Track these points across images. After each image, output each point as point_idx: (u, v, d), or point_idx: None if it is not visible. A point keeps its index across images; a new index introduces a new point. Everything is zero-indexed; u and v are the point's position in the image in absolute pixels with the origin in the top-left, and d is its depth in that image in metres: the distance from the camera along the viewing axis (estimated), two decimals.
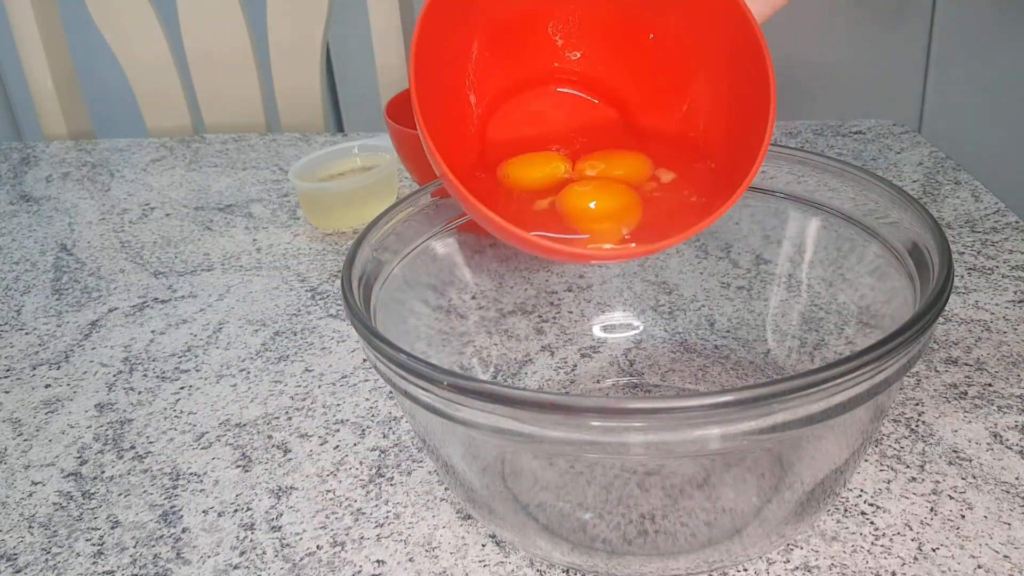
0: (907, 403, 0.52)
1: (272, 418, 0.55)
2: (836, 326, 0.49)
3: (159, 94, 1.09)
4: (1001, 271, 0.63)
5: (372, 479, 0.49)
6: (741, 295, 0.53)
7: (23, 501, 0.50)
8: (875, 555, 0.42)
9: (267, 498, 0.49)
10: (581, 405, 0.33)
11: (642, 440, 0.34)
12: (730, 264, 0.53)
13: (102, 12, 1.05)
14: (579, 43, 0.44)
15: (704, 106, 0.43)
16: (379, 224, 0.47)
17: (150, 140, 1.01)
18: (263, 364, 0.60)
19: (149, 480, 0.51)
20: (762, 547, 0.41)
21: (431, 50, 0.40)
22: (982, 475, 0.46)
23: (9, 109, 1.82)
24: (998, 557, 0.42)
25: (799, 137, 0.86)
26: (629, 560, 0.40)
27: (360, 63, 1.34)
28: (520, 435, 0.35)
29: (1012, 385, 0.52)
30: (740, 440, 0.34)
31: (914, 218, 0.43)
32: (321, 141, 0.96)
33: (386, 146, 0.79)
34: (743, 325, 0.53)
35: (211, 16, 1.05)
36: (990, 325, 0.58)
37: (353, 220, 0.76)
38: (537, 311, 0.55)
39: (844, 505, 0.45)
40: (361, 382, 0.58)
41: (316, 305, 0.67)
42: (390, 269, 0.47)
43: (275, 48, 1.06)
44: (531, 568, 0.43)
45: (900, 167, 0.79)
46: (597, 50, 0.44)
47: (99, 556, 0.46)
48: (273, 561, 0.45)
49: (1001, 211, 0.71)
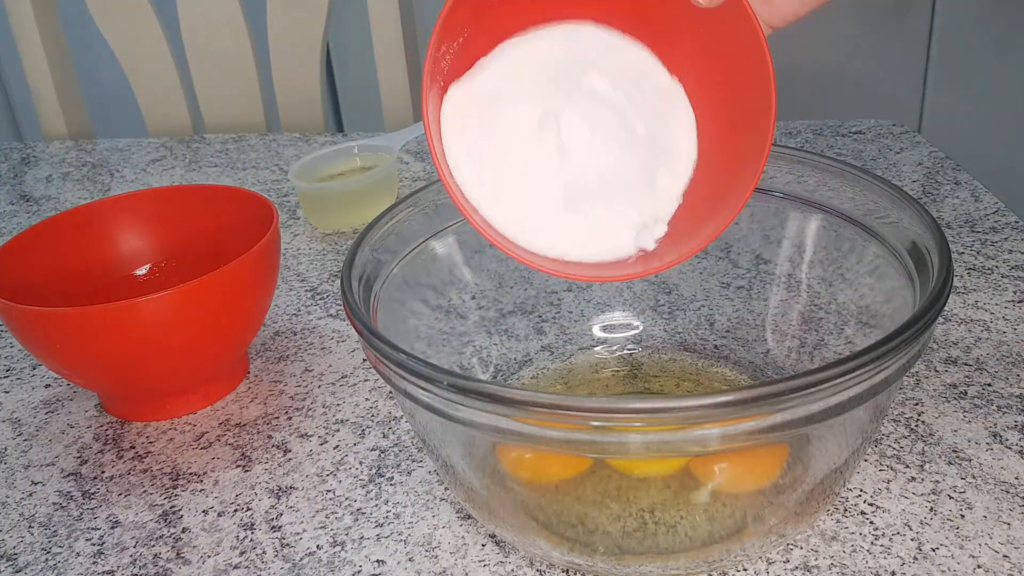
0: (907, 403, 0.52)
1: (272, 418, 0.55)
2: (836, 326, 0.49)
3: (159, 94, 1.09)
4: (1001, 271, 0.63)
5: (372, 479, 0.49)
6: (741, 295, 0.53)
7: (23, 501, 0.50)
8: (875, 555, 0.42)
9: (267, 498, 0.49)
10: (581, 405, 0.33)
11: (642, 440, 0.34)
12: (730, 264, 0.53)
13: (102, 12, 1.05)
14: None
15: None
16: (379, 224, 0.47)
17: (150, 140, 1.01)
18: (263, 364, 0.60)
19: (149, 480, 0.51)
20: (762, 547, 0.41)
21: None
22: (982, 475, 0.46)
23: (9, 109, 1.82)
24: (998, 557, 0.42)
25: (799, 137, 0.86)
26: (629, 560, 0.40)
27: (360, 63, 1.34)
28: (520, 435, 0.35)
29: (1012, 385, 0.52)
30: (740, 440, 0.34)
31: (914, 218, 0.43)
32: (321, 141, 0.96)
33: (386, 146, 0.80)
34: (743, 325, 0.53)
35: (211, 16, 1.05)
36: (990, 325, 0.58)
37: (353, 220, 0.76)
38: (537, 311, 0.55)
39: (844, 505, 0.45)
40: (361, 382, 0.58)
41: (316, 305, 0.67)
42: (390, 269, 0.47)
43: (275, 48, 1.06)
44: (531, 568, 0.43)
45: (900, 167, 0.79)
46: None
47: (99, 556, 0.46)
48: (273, 561, 0.45)
49: (1001, 211, 0.71)
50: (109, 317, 0.49)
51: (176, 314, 0.51)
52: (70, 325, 0.49)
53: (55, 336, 0.50)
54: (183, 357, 0.53)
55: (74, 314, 0.49)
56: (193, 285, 0.50)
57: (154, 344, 0.51)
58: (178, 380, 0.55)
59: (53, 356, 0.52)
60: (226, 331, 0.55)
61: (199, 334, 0.53)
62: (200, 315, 0.52)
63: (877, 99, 1.49)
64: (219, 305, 0.52)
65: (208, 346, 0.54)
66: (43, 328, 0.50)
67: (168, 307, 0.50)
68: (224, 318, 0.54)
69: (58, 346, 0.51)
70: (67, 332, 0.50)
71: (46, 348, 0.52)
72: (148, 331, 0.50)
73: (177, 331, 0.51)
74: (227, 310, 0.54)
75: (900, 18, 1.45)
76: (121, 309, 0.49)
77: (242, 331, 0.56)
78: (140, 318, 0.50)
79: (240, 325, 0.56)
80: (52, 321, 0.50)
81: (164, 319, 0.50)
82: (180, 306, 0.51)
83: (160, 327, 0.51)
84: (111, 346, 0.50)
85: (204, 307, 0.52)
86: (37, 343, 0.52)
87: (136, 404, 0.56)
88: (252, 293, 0.55)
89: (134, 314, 0.49)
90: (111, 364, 0.52)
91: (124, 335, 0.50)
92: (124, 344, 0.50)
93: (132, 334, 0.50)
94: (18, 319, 0.50)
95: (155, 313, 0.50)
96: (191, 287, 0.50)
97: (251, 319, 0.56)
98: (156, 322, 0.50)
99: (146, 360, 0.52)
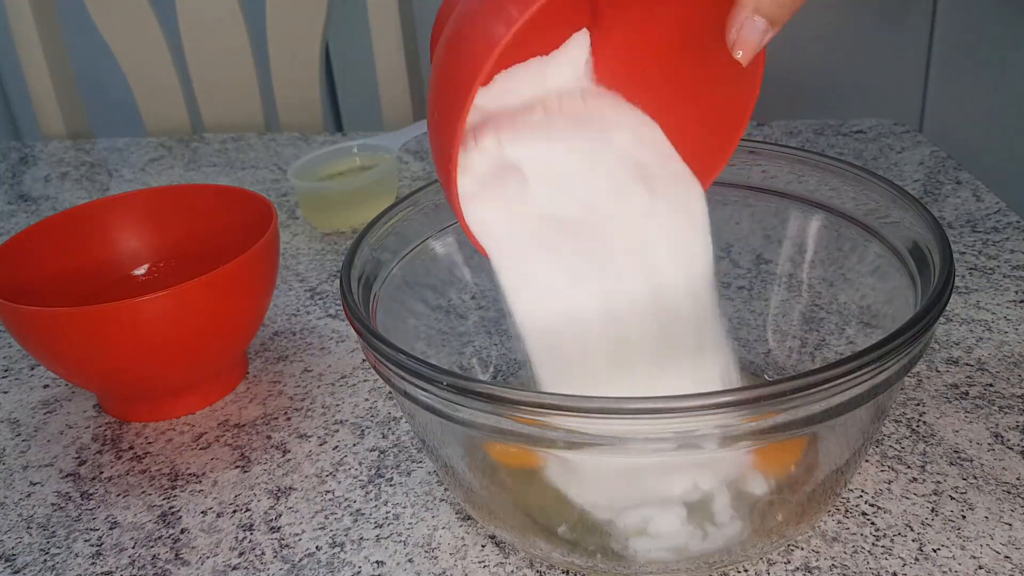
0: (908, 403, 0.51)
1: (271, 418, 0.55)
2: (837, 326, 0.49)
3: (158, 93, 1.09)
4: (1002, 271, 0.63)
5: (371, 480, 0.49)
6: (741, 295, 0.53)
7: (21, 502, 0.50)
8: (876, 556, 0.42)
9: (266, 499, 0.49)
10: (581, 405, 0.33)
11: (642, 439, 0.34)
12: (730, 264, 0.53)
13: (101, 12, 1.05)
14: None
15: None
16: (378, 224, 0.47)
17: (148, 139, 1.01)
18: (262, 364, 0.60)
19: (147, 480, 0.51)
20: (762, 547, 0.41)
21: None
22: (983, 475, 0.46)
23: (7, 108, 1.81)
24: (999, 557, 0.41)
25: (800, 136, 0.86)
26: (629, 560, 0.40)
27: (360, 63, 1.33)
28: (520, 435, 0.35)
29: (1013, 385, 0.52)
30: (740, 440, 0.34)
31: (915, 218, 0.43)
32: (320, 141, 0.96)
33: (386, 146, 0.79)
34: (743, 325, 0.53)
35: (210, 16, 1.05)
36: (991, 325, 0.57)
37: (352, 220, 0.76)
38: None
39: (845, 505, 0.45)
40: (360, 382, 0.57)
41: (315, 305, 0.66)
42: (389, 269, 0.47)
43: (274, 48, 1.06)
44: (531, 568, 0.43)
45: (901, 167, 0.79)
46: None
47: (97, 557, 0.46)
48: (272, 562, 0.44)
49: (1002, 211, 0.71)
50: (107, 317, 0.49)
51: (174, 314, 0.51)
52: (68, 325, 0.49)
53: (53, 336, 0.50)
54: (181, 357, 0.53)
55: (72, 314, 0.49)
56: (192, 285, 0.50)
57: (152, 344, 0.51)
58: (177, 380, 0.55)
59: (51, 356, 0.52)
60: (225, 331, 0.55)
61: (198, 334, 0.52)
62: (199, 315, 0.52)
63: (878, 98, 1.49)
64: (218, 305, 0.52)
65: (207, 346, 0.54)
66: (41, 328, 0.50)
67: (166, 307, 0.50)
68: (223, 318, 0.54)
69: (56, 346, 0.51)
70: (65, 332, 0.50)
71: (44, 348, 0.51)
72: (146, 331, 0.50)
73: (175, 331, 0.51)
74: (226, 310, 0.53)
75: (901, 17, 1.45)
76: (120, 309, 0.49)
77: (241, 331, 0.56)
78: (138, 318, 0.50)
79: (239, 325, 0.56)
80: (50, 321, 0.49)
81: (162, 319, 0.50)
82: (178, 306, 0.50)
83: (158, 327, 0.50)
84: (109, 346, 0.50)
85: (203, 307, 0.52)
86: (36, 343, 0.51)
87: (135, 404, 0.55)
88: (251, 293, 0.55)
89: (133, 314, 0.49)
90: (109, 364, 0.52)
91: (123, 335, 0.50)
92: (122, 344, 0.50)
93: (131, 334, 0.50)
94: (16, 319, 0.50)
95: (153, 313, 0.50)
96: (189, 287, 0.50)
97: (250, 319, 0.56)
98: (154, 322, 0.50)
99: (144, 360, 0.52)
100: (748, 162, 0.50)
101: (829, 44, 1.46)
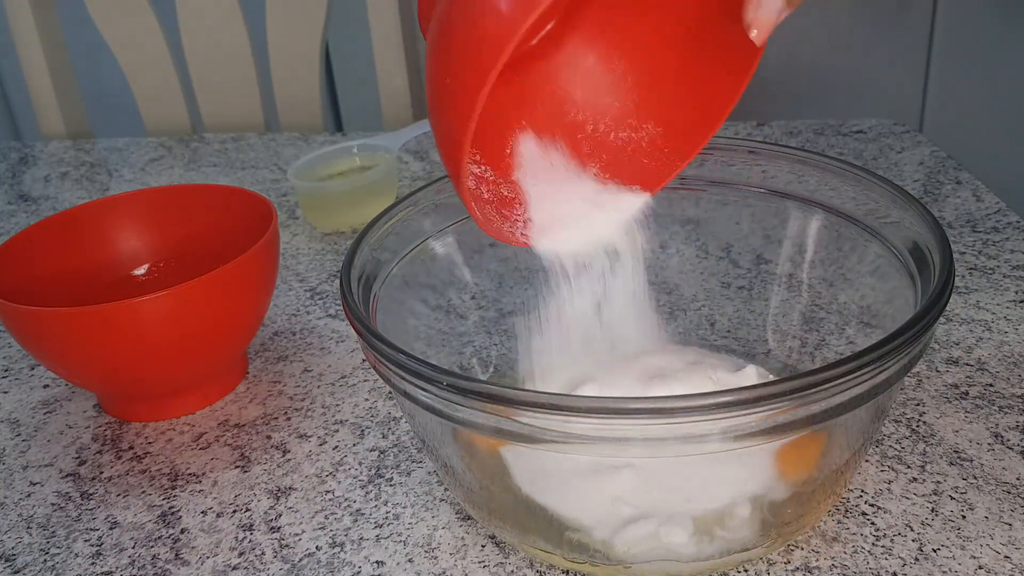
0: (908, 403, 0.51)
1: (271, 418, 0.55)
2: (837, 326, 0.49)
3: (158, 93, 1.09)
4: (1002, 271, 0.63)
5: (371, 480, 0.49)
6: (741, 295, 0.53)
7: (21, 502, 0.50)
8: (876, 556, 0.42)
9: (266, 499, 0.49)
10: (581, 405, 0.33)
11: (642, 440, 0.34)
12: (730, 264, 0.53)
13: (101, 12, 1.05)
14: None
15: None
16: (378, 224, 0.47)
17: (148, 139, 1.01)
18: (262, 364, 0.60)
19: (147, 480, 0.51)
20: (763, 548, 0.41)
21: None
22: (983, 475, 0.46)
23: (7, 108, 1.81)
24: (999, 557, 0.41)
25: (800, 136, 0.86)
26: (630, 561, 0.40)
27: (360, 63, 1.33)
28: (520, 435, 0.35)
29: (1013, 385, 0.52)
30: (740, 440, 0.34)
31: (915, 218, 0.43)
32: (320, 141, 0.96)
33: (385, 146, 0.79)
34: (743, 325, 0.53)
35: (210, 16, 1.05)
36: (991, 325, 0.57)
37: (352, 220, 0.76)
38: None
39: (845, 505, 0.45)
40: (360, 382, 0.57)
41: (315, 305, 0.66)
42: (389, 269, 0.47)
43: (274, 48, 1.06)
44: (531, 569, 0.43)
45: (901, 167, 0.79)
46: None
47: (97, 557, 0.46)
48: (272, 562, 0.44)
49: (1002, 211, 0.71)
50: (107, 317, 0.49)
51: (174, 314, 0.51)
52: (68, 325, 0.49)
53: (53, 336, 0.50)
54: (181, 357, 0.53)
55: (72, 314, 0.49)
56: (192, 285, 0.50)
57: (152, 344, 0.51)
58: (177, 380, 0.55)
59: (51, 356, 0.52)
60: (225, 331, 0.55)
61: (198, 334, 0.52)
62: (199, 315, 0.52)
63: (878, 98, 1.49)
64: (218, 305, 0.52)
65: (207, 346, 0.54)
66: (41, 328, 0.50)
67: (166, 307, 0.50)
68: (223, 318, 0.54)
69: (56, 346, 0.51)
70: (65, 332, 0.50)
71: (44, 348, 0.51)
72: (146, 331, 0.50)
73: (176, 331, 0.51)
74: (226, 310, 0.53)
75: (902, 17, 1.45)
76: (119, 309, 0.49)
77: (241, 331, 0.56)
78: (138, 318, 0.50)
79: (239, 325, 0.56)
80: (50, 321, 0.49)
81: (162, 319, 0.50)
82: (178, 306, 0.50)
83: (158, 327, 0.50)
84: (109, 346, 0.50)
85: (203, 307, 0.51)
86: (35, 343, 0.51)
87: (135, 404, 0.55)
88: (251, 293, 0.55)
89: (132, 314, 0.49)
90: (109, 364, 0.52)
91: (122, 335, 0.50)
92: (122, 344, 0.50)
93: (130, 334, 0.50)
94: (16, 319, 0.50)
95: (153, 313, 0.50)
96: (189, 287, 0.50)
97: (250, 319, 0.56)
98: (154, 322, 0.50)
99: (144, 360, 0.52)
100: (748, 162, 0.50)
101: (829, 44, 1.45)
